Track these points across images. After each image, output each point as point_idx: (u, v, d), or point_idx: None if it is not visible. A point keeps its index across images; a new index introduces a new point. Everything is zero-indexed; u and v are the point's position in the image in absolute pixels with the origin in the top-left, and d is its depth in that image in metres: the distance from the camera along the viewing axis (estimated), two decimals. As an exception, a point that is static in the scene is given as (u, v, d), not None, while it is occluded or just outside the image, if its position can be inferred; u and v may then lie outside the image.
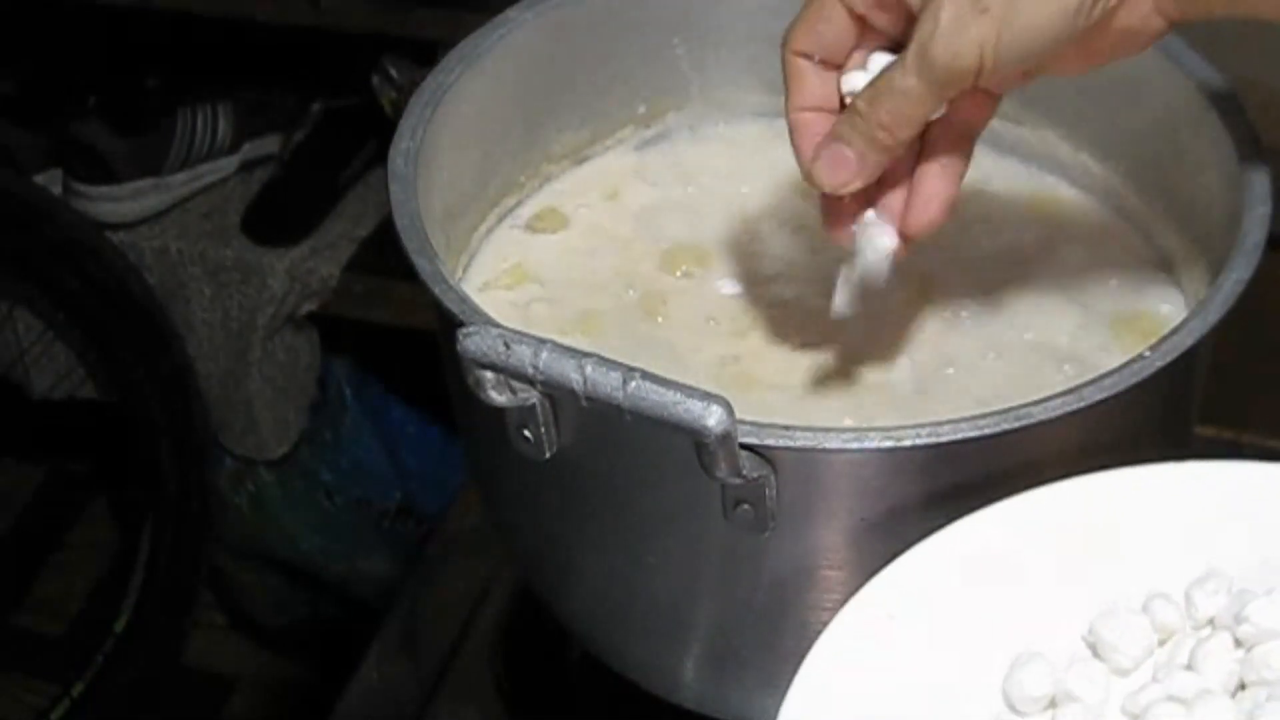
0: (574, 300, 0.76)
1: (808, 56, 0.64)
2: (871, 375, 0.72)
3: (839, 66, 0.64)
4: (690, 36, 0.81)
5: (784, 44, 0.64)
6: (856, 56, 0.64)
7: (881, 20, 0.63)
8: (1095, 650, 0.56)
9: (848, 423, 0.69)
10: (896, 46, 0.63)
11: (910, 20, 0.61)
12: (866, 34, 0.63)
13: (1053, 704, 0.55)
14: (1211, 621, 0.56)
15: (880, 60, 0.63)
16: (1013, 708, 0.55)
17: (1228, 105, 0.70)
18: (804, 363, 0.72)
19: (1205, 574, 0.57)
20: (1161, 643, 0.57)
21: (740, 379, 0.72)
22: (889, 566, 0.56)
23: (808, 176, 0.64)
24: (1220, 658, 0.55)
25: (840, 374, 0.72)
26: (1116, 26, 0.60)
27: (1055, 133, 0.80)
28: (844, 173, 0.63)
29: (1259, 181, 0.67)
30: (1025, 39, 0.58)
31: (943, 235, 0.78)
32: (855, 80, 0.63)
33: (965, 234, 0.78)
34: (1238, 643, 0.55)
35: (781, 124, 0.83)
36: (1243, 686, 0.55)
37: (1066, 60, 0.61)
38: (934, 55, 0.59)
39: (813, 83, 0.64)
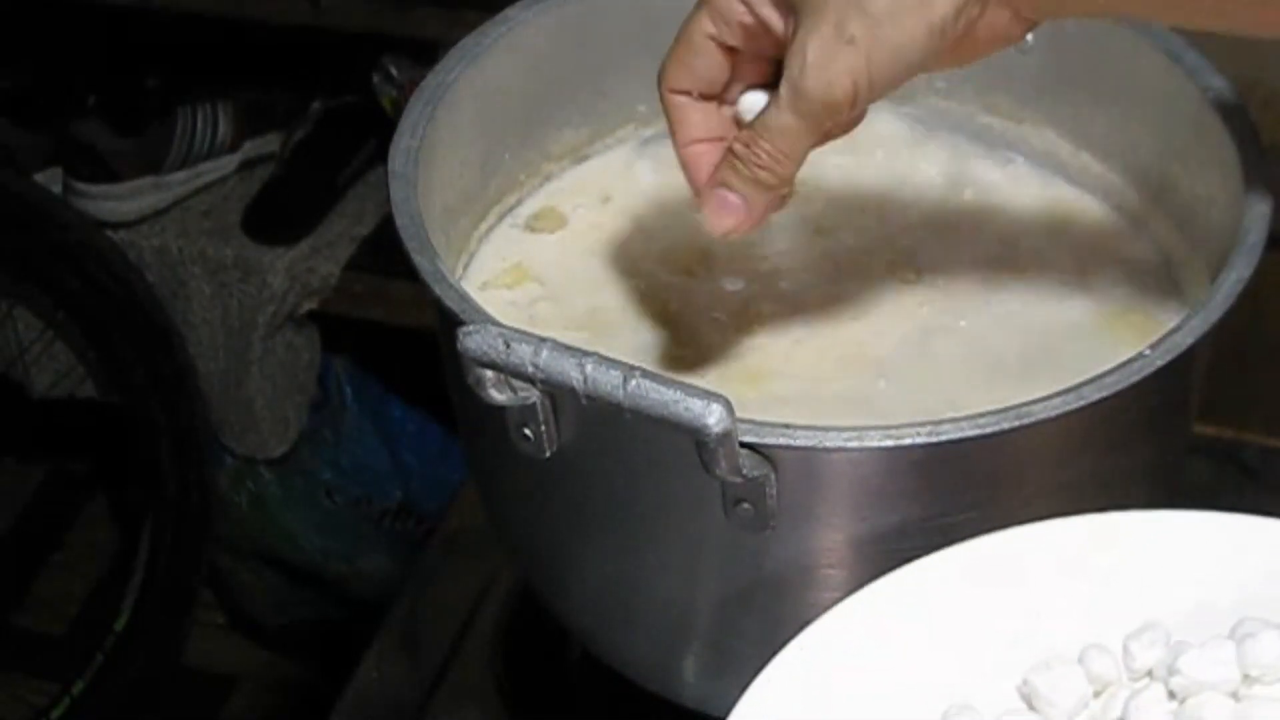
0: (577, 300, 0.76)
1: (685, 93, 0.64)
2: (879, 369, 0.72)
3: (717, 98, 0.64)
4: (690, 36, 0.81)
5: (660, 82, 0.64)
6: (734, 90, 0.64)
7: (752, 49, 0.63)
8: (1030, 702, 0.56)
9: (856, 418, 0.68)
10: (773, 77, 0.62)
11: (779, 49, 0.61)
12: (739, 66, 0.64)
13: None
14: (1150, 673, 0.56)
15: (754, 100, 0.63)
16: None
17: (1228, 105, 0.70)
18: (812, 357, 0.72)
19: (1142, 626, 0.56)
20: (1097, 694, 0.56)
21: (748, 375, 0.72)
22: (814, 624, 0.56)
23: (703, 213, 0.64)
24: (1152, 710, 0.54)
25: (849, 368, 0.72)
26: (980, 34, 0.60)
27: (1055, 132, 0.80)
28: (731, 218, 0.63)
29: (1259, 181, 0.67)
30: (893, 62, 0.59)
31: (945, 233, 0.78)
32: (752, 100, 0.63)
33: (966, 233, 0.78)
34: (1171, 695, 0.55)
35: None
36: None
37: (933, 66, 0.61)
38: (807, 90, 0.59)
39: (695, 117, 0.64)
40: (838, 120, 0.61)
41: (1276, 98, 0.90)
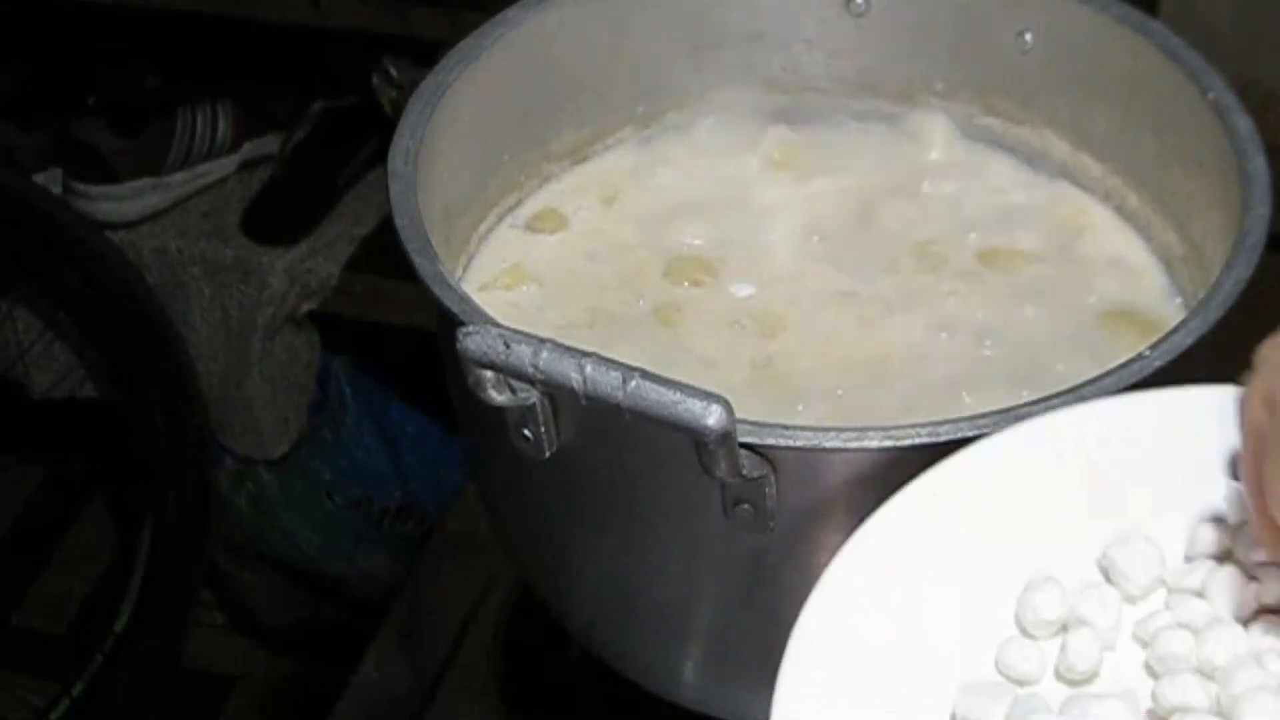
0: (578, 302, 0.76)
1: None
2: (907, 367, 0.72)
3: None
4: (690, 36, 0.81)
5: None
6: None
7: None
8: (1108, 575, 0.56)
9: (889, 419, 0.68)
10: None
11: None
12: None
13: (1064, 628, 0.55)
14: (1230, 553, 0.56)
15: None
16: (1024, 631, 0.55)
17: (1227, 105, 0.70)
18: (838, 358, 0.72)
19: (1211, 512, 0.56)
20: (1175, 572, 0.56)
21: (777, 380, 0.72)
22: (912, 483, 0.56)
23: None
24: (1232, 586, 0.54)
25: (879, 370, 0.72)
26: None
27: (1055, 132, 0.80)
28: None
29: (1259, 181, 0.67)
30: None
31: (949, 237, 0.78)
32: None
33: (969, 235, 0.78)
34: (1251, 577, 0.55)
35: (782, 124, 0.84)
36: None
37: None
38: None
39: None
40: None
41: (1275, 98, 0.90)
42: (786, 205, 0.80)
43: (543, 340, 0.59)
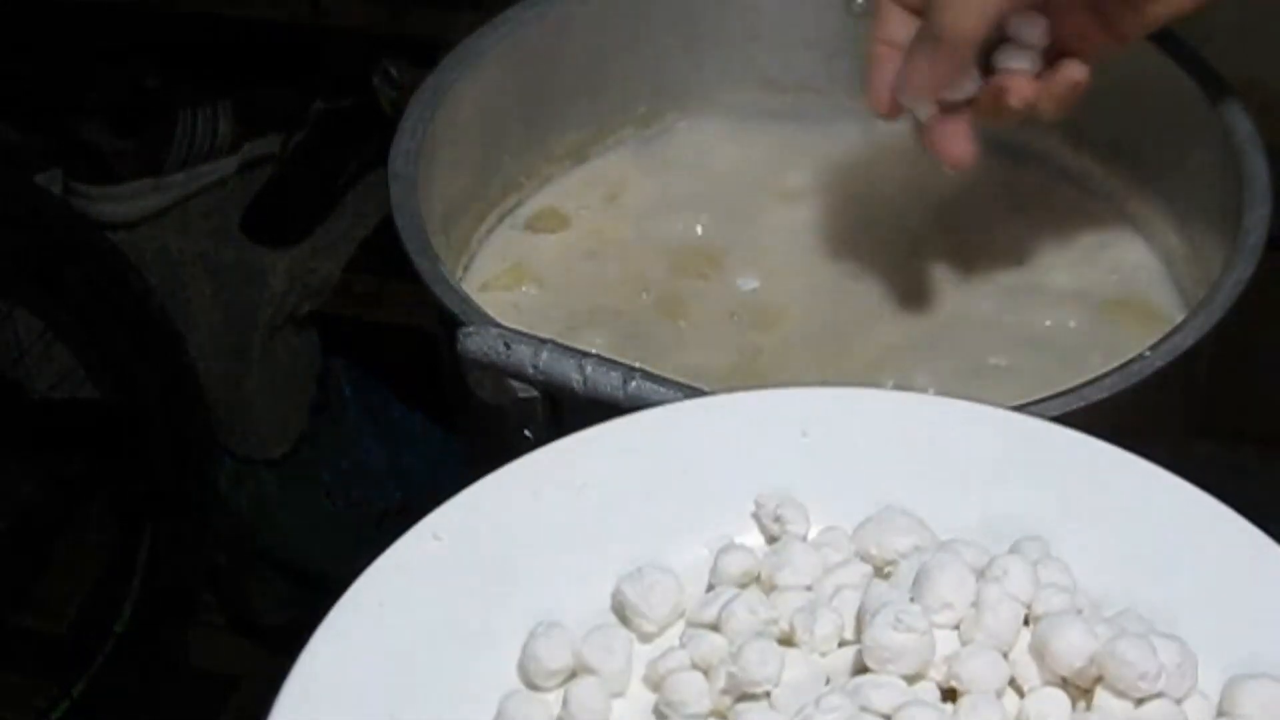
0: (580, 301, 0.76)
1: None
2: (904, 361, 0.72)
3: (918, 11, 0.67)
4: (690, 36, 0.81)
5: None
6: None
7: None
8: (621, 613, 0.51)
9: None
10: None
11: None
12: None
13: (573, 675, 0.50)
14: (758, 579, 0.51)
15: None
16: (529, 683, 0.50)
17: (1228, 105, 0.70)
18: (832, 352, 0.73)
19: (726, 542, 0.52)
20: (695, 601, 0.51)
21: (760, 372, 0.72)
22: (414, 528, 0.53)
23: (874, 103, 0.69)
24: (750, 614, 0.49)
25: (869, 361, 0.72)
26: None
27: (1055, 132, 0.80)
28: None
29: (1259, 182, 0.67)
30: None
31: (950, 236, 0.78)
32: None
33: (970, 234, 0.78)
34: (767, 595, 0.50)
35: (782, 124, 0.84)
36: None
37: None
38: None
39: (896, 20, 0.68)
40: None
41: (1276, 100, 0.90)
42: (787, 204, 0.80)
43: (543, 340, 0.59)
